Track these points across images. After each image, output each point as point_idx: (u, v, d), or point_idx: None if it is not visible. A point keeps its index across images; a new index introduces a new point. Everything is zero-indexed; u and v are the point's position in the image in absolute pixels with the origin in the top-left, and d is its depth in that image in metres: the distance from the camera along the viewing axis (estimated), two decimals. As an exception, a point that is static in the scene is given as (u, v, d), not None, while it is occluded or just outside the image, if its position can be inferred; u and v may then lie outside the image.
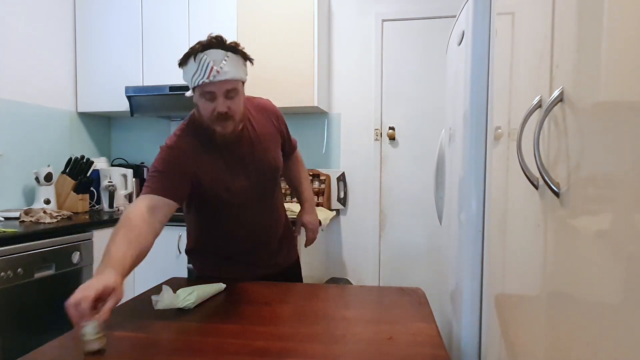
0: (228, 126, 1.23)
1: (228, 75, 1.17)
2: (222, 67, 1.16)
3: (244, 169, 1.33)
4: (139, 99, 2.68)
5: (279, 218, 1.50)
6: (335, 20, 2.95)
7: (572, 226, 0.65)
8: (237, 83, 1.21)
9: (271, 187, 1.43)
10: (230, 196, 1.32)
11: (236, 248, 1.43)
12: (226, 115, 1.21)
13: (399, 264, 2.93)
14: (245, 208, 1.37)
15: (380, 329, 1.00)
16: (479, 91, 1.24)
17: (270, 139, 1.41)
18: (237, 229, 1.39)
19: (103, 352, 0.86)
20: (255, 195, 1.37)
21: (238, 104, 1.24)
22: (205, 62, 1.16)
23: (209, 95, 1.20)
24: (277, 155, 1.43)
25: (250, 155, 1.34)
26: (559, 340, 0.69)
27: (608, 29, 0.56)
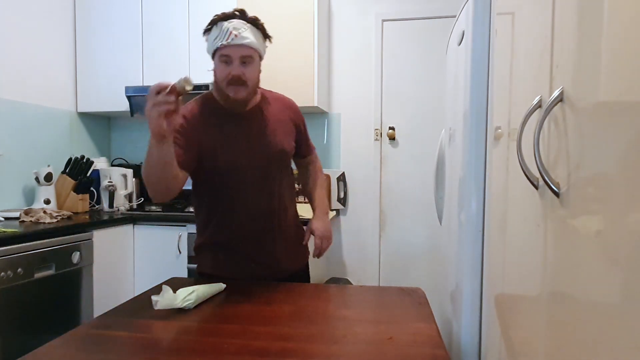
0: (241, 91, 1.28)
1: (245, 41, 1.24)
2: (240, 32, 1.24)
3: (248, 144, 1.34)
4: (139, 99, 2.68)
5: (284, 209, 1.43)
6: (335, 20, 2.95)
7: (572, 226, 0.65)
8: (253, 51, 1.27)
9: (274, 170, 1.39)
10: (229, 170, 1.32)
11: (237, 234, 1.38)
12: (240, 79, 1.26)
13: (399, 264, 2.93)
14: (245, 187, 1.34)
15: (380, 329, 1.00)
16: (479, 91, 1.24)
17: (281, 125, 1.42)
18: (237, 209, 1.35)
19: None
20: (256, 175, 1.35)
21: (252, 72, 1.29)
22: (226, 28, 1.24)
23: (225, 58, 1.26)
24: (285, 141, 1.41)
25: (257, 133, 1.36)
26: (559, 340, 0.69)
27: (608, 29, 0.56)
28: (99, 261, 2.21)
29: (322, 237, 1.46)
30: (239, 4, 2.58)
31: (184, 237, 2.39)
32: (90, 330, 1.01)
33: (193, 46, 2.69)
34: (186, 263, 2.39)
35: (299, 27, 2.57)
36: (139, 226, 2.49)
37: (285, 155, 1.42)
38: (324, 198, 1.57)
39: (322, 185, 1.58)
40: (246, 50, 1.26)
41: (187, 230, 2.39)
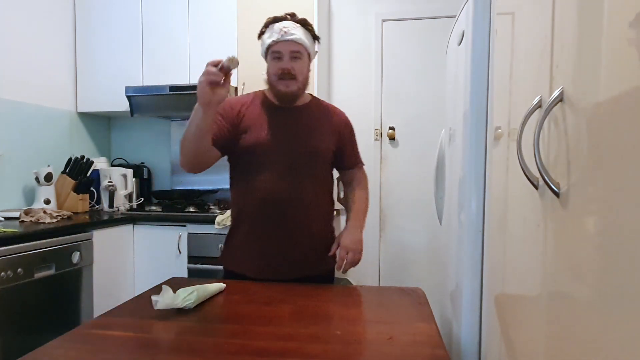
0: (291, 85, 1.36)
1: (294, 37, 1.33)
2: (289, 30, 1.33)
3: (282, 135, 1.39)
4: (139, 99, 2.68)
5: (308, 208, 1.41)
6: (335, 20, 2.95)
7: (572, 226, 0.65)
8: (302, 47, 1.36)
9: (303, 167, 1.39)
10: (258, 154, 1.38)
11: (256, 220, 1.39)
12: (290, 73, 1.35)
13: (399, 264, 2.93)
14: (271, 175, 1.37)
15: (380, 329, 1.00)
16: (479, 91, 1.24)
17: (321, 128, 1.45)
18: (255, 191, 1.38)
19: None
20: (283, 165, 1.38)
21: (302, 67, 1.37)
22: (277, 28, 1.35)
23: (277, 54, 1.35)
24: (320, 142, 1.43)
25: (293, 127, 1.41)
26: (559, 340, 0.69)
27: (608, 29, 0.56)
28: (99, 261, 2.21)
29: (347, 249, 1.40)
30: (239, 4, 2.58)
31: (184, 237, 2.39)
32: (90, 330, 1.01)
33: (193, 46, 2.69)
34: (186, 263, 2.39)
35: (299, 27, 2.57)
36: (139, 226, 2.49)
37: (317, 155, 1.43)
38: (360, 212, 1.52)
39: (361, 201, 1.54)
40: (295, 46, 1.34)
41: (187, 230, 2.39)
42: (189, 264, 2.38)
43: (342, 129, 1.50)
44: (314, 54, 1.45)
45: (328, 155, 1.46)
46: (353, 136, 1.56)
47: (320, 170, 1.46)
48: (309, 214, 1.41)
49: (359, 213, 1.51)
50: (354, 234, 1.45)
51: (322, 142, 1.44)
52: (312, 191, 1.42)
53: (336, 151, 1.49)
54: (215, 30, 2.65)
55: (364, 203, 1.54)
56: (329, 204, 1.52)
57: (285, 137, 1.40)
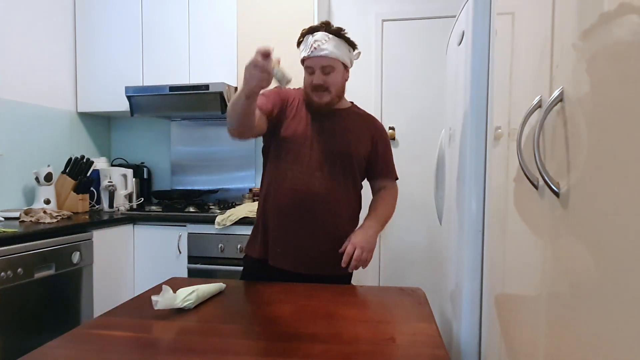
0: (324, 96, 1.42)
1: (324, 52, 1.37)
2: (320, 45, 1.37)
3: (318, 131, 1.44)
4: (139, 99, 2.68)
5: (340, 207, 1.44)
6: (335, 20, 2.95)
7: (572, 226, 0.65)
8: (333, 61, 1.40)
9: (333, 164, 1.42)
10: (289, 145, 1.43)
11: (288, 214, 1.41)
12: (321, 87, 1.40)
13: (399, 264, 2.93)
14: (300, 163, 1.41)
15: (381, 329, 1.00)
16: (479, 91, 1.24)
17: (355, 132, 1.49)
18: (285, 179, 1.42)
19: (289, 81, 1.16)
20: (314, 158, 1.41)
21: (335, 79, 1.42)
22: (310, 41, 1.39)
23: (309, 70, 1.42)
24: (352, 145, 1.46)
25: (330, 127, 1.46)
26: (559, 340, 0.69)
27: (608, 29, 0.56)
28: (99, 261, 2.21)
29: (356, 245, 1.36)
30: (239, 4, 2.58)
31: (184, 237, 2.39)
32: (90, 330, 1.01)
33: (193, 46, 2.69)
34: (186, 263, 2.39)
35: (299, 27, 2.56)
36: (139, 226, 2.49)
37: (348, 157, 1.45)
38: (379, 215, 1.51)
39: (384, 206, 1.54)
40: (326, 61, 1.39)
41: (187, 230, 2.39)
42: (189, 264, 2.38)
43: (378, 138, 1.53)
44: (351, 62, 1.49)
45: (359, 159, 1.48)
46: (388, 148, 1.58)
47: (350, 172, 1.47)
48: (335, 213, 1.44)
49: (378, 216, 1.50)
50: (367, 232, 1.42)
51: (356, 145, 1.47)
52: (341, 191, 1.45)
53: (368, 158, 1.51)
54: (215, 30, 2.65)
55: (386, 209, 1.54)
56: (355, 207, 1.53)
57: (319, 134, 1.44)
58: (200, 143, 3.04)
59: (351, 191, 1.49)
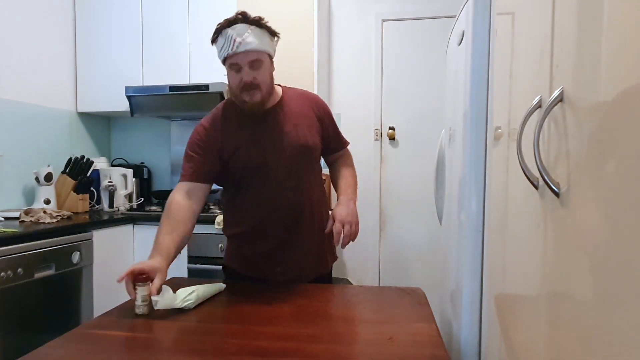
0: (255, 95, 1.30)
1: (250, 46, 1.25)
2: (244, 38, 1.24)
3: (270, 142, 1.35)
4: (139, 99, 2.68)
5: (310, 206, 1.41)
6: (335, 20, 2.95)
7: (572, 226, 0.65)
8: (260, 54, 1.28)
9: (298, 166, 1.38)
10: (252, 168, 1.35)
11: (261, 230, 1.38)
12: (252, 84, 1.28)
13: (399, 264, 2.93)
14: (270, 184, 1.35)
15: (380, 329, 1.00)
16: (479, 91, 1.24)
17: (303, 120, 1.41)
18: (262, 206, 1.37)
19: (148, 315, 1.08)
20: (279, 172, 1.35)
21: (264, 74, 1.30)
22: (230, 36, 1.25)
23: (235, 67, 1.28)
24: (308, 136, 1.39)
25: (278, 130, 1.37)
26: (559, 340, 0.69)
27: (608, 29, 0.56)
28: (99, 261, 2.21)
29: (344, 221, 1.30)
30: (238, 4, 2.58)
31: (184, 237, 2.39)
32: (90, 330, 1.01)
33: (193, 46, 2.69)
34: (186, 263, 2.39)
35: (298, 27, 2.57)
36: (139, 226, 2.49)
37: (309, 151, 1.40)
38: (350, 186, 1.46)
39: (349, 176, 1.49)
40: (253, 55, 1.27)
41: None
42: (189, 264, 2.38)
43: (321, 114, 1.46)
44: (274, 52, 1.36)
45: (317, 146, 1.44)
46: (332, 118, 1.50)
47: (313, 164, 1.45)
48: (312, 212, 1.42)
49: (348, 187, 1.45)
50: (348, 206, 1.36)
51: (310, 135, 1.40)
52: (312, 189, 1.42)
53: (323, 139, 1.47)
54: (215, 30, 2.65)
55: (351, 177, 1.49)
56: (324, 194, 1.51)
57: (273, 143, 1.36)
58: (200, 143, 3.04)
59: (318, 182, 1.47)
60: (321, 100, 1.50)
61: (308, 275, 1.42)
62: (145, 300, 1.07)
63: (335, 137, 1.51)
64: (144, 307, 1.07)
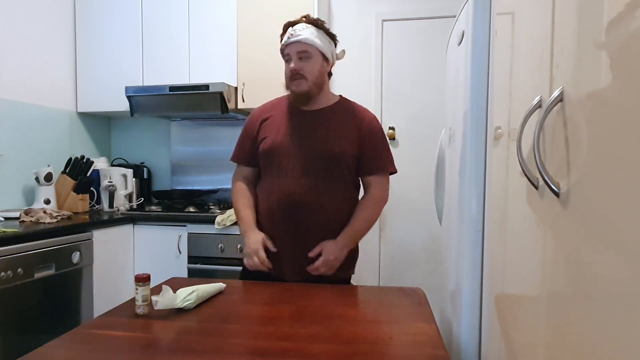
0: (301, 84, 1.40)
1: (299, 37, 1.37)
2: (297, 31, 1.38)
3: (298, 138, 1.42)
4: (139, 99, 2.68)
5: (331, 212, 1.40)
6: (335, 20, 2.95)
7: (572, 226, 0.65)
8: (309, 47, 1.38)
9: (319, 168, 1.39)
10: (273, 155, 1.43)
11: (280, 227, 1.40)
12: (298, 73, 1.38)
13: (399, 264, 2.93)
14: (286, 175, 1.40)
15: (380, 329, 1.00)
16: (479, 91, 1.24)
17: (341, 128, 1.43)
18: (275, 193, 1.41)
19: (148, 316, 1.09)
20: (298, 165, 1.39)
21: (312, 66, 1.40)
22: (289, 31, 1.41)
23: (287, 57, 1.42)
24: (337, 144, 1.40)
25: (311, 129, 1.43)
26: (559, 340, 0.69)
27: (608, 29, 0.56)
28: (99, 261, 2.21)
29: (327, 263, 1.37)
30: (239, 4, 2.58)
31: (184, 237, 2.39)
32: (90, 330, 1.01)
33: (193, 46, 2.69)
34: (186, 263, 2.39)
35: (299, 27, 2.57)
36: (139, 226, 2.49)
37: (333, 157, 1.39)
38: (354, 232, 1.42)
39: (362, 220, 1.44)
40: (301, 46, 1.38)
41: (187, 230, 2.39)
42: (189, 264, 2.38)
43: (365, 131, 1.44)
44: (331, 53, 1.44)
45: (347, 159, 1.41)
46: (379, 141, 1.47)
47: (339, 174, 1.41)
48: (325, 218, 1.40)
49: (353, 232, 1.42)
50: (340, 250, 1.39)
51: (339, 144, 1.40)
52: (330, 195, 1.40)
53: (358, 155, 1.43)
54: (215, 30, 2.65)
55: (364, 223, 1.44)
56: (348, 208, 1.45)
57: (300, 140, 1.40)
58: (200, 143, 3.04)
59: (342, 194, 1.43)
60: (375, 121, 1.49)
61: (304, 278, 1.41)
62: (145, 300, 1.08)
63: (371, 158, 1.45)
64: (144, 307, 1.08)
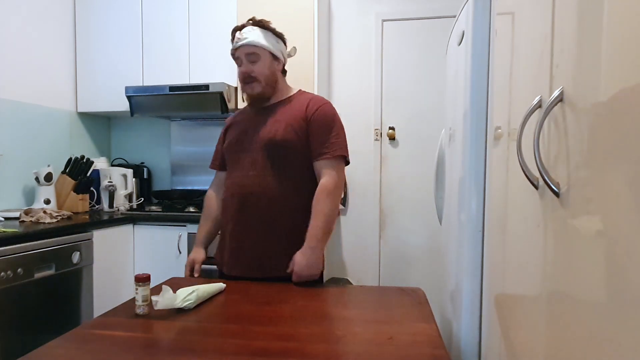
0: (255, 87, 1.42)
1: (246, 41, 1.39)
2: (244, 35, 1.40)
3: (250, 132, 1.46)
4: (139, 99, 2.68)
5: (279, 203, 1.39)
6: (335, 20, 2.95)
7: (572, 226, 0.65)
8: (257, 49, 1.40)
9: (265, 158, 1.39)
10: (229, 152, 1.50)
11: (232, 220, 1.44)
12: (249, 75, 1.40)
13: (399, 264, 2.93)
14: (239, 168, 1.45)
15: (380, 329, 1.00)
16: (479, 91, 1.24)
17: (288, 117, 1.41)
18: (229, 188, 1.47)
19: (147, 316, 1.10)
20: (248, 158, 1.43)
21: (262, 67, 1.41)
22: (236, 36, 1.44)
23: (238, 61, 1.44)
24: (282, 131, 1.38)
25: (262, 122, 1.45)
26: (559, 340, 0.69)
27: (608, 29, 0.56)
28: (99, 261, 2.21)
29: (300, 276, 1.34)
30: (239, 4, 2.58)
31: (184, 237, 2.39)
32: (90, 330, 1.01)
33: (193, 46, 2.69)
34: (186, 263, 2.39)
35: (298, 27, 2.57)
36: (139, 226, 2.49)
37: (277, 146, 1.38)
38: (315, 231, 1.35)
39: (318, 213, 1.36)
40: (249, 49, 1.40)
41: (187, 230, 2.39)
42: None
43: (312, 117, 1.40)
44: (280, 52, 1.47)
45: (293, 147, 1.39)
46: (325, 125, 1.42)
47: (286, 164, 1.40)
48: (273, 209, 1.39)
49: (314, 232, 1.35)
50: (308, 258, 1.33)
51: (283, 134, 1.38)
52: (277, 186, 1.38)
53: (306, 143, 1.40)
54: (215, 30, 2.65)
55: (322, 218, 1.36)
56: (300, 200, 1.41)
57: (251, 135, 1.45)
58: (200, 143, 3.04)
59: (292, 183, 1.40)
60: (325, 107, 1.44)
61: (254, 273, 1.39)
62: (145, 300, 1.08)
63: (317, 143, 1.40)
64: (144, 307, 1.08)
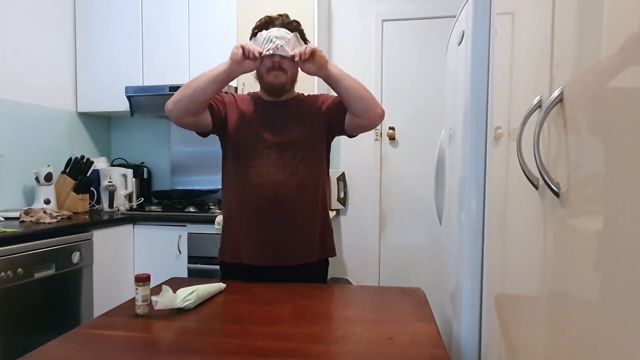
0: (280, 76, 1.42)
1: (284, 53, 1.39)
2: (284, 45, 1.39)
3: (274, 128, 1.46)
4: (139, 99, 2.68)
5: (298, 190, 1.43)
6: (335, 20, 2.95)
7: (572, 226, 0.65)
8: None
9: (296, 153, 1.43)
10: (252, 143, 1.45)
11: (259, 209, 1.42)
12: (280, 66, 1.41)
13: (399, 264, 2.93)
14: (259, 163, 1.43)
15: (380, 329, 1.00)
16: (479, 91, 1.24)
17: (310, 117, 1.48)
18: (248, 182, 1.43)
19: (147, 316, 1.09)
20: (275, 154, 1.43)
21: (291, 64, 1.43)
22: (269, 37, 1.41)
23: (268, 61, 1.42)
24: (310, 127, 1.46)
25: (284, 121, 1.46)
26: (559, 340, 0.69)
27: (608, 29, 0.56)
28: (99, 261, 2.21)
29: (314, 50, 1.37)
30: (239, 4, 2.58)
31: (184, 237, 2.39)
32: (90, 330, 1.01)
33: (193, 46, 2.69)
34: (186, 263, 2.39)
35: (299, 27, 2.57)
36: (139, 226, 2.49)
37: (306, 142, 1.45)
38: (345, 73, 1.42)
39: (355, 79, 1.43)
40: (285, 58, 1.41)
41: (187, 230, 2.39)
42: (189, 264, 2.38)
43: (328, 102, 1.51)
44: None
45: (320, 139, 1.48)
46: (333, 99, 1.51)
47: (312, 156, 1.46)
48: (301, 200, 1.43)
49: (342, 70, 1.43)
50: (327, 60, 1.41)
51: (312, 127, 1.47)
52: (307, 176, 1.44)
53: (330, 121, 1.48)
54: (215, 30, 2.65)
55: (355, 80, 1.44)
56: (321, 190, 1.50)
57: (277, 126, 1.45)
58: (200, 143, 3.03)
59: (315, 174, 1.47)
60: (327, 95, 1.57)
61: (287, 260, 1.42)
62: (145, 300, 1.08)
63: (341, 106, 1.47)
64: (144, 307, 1.08)
